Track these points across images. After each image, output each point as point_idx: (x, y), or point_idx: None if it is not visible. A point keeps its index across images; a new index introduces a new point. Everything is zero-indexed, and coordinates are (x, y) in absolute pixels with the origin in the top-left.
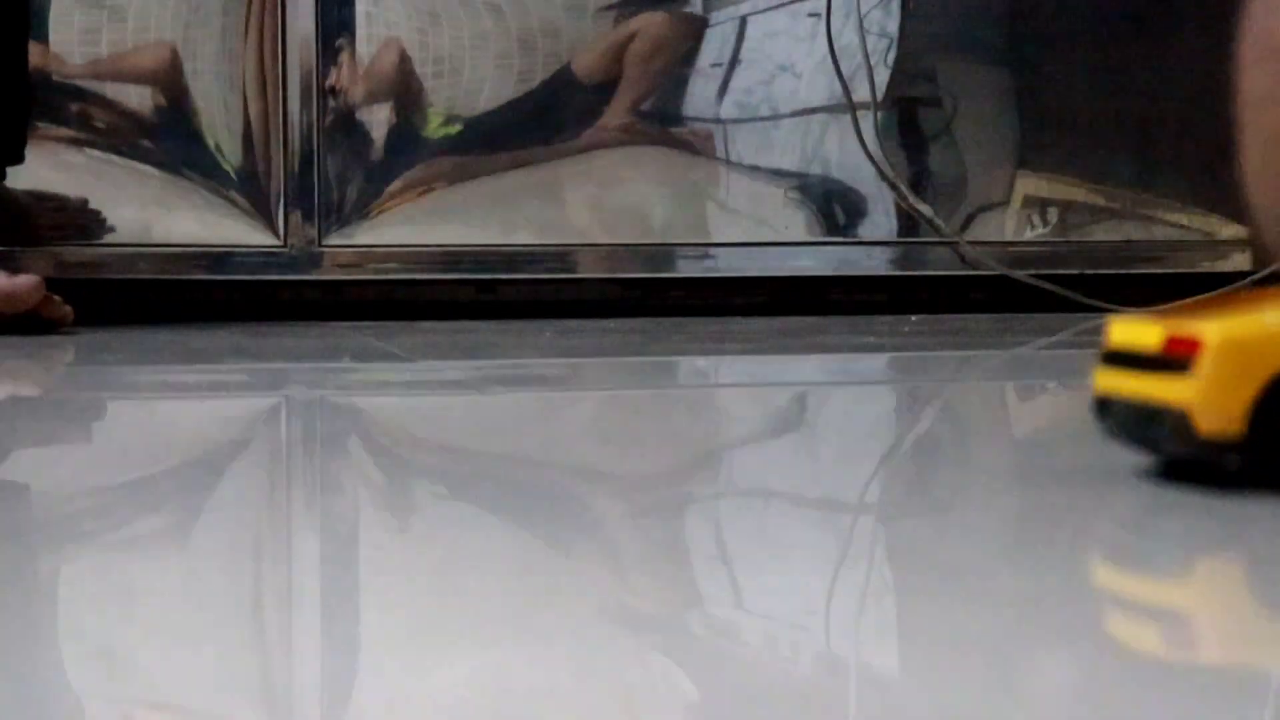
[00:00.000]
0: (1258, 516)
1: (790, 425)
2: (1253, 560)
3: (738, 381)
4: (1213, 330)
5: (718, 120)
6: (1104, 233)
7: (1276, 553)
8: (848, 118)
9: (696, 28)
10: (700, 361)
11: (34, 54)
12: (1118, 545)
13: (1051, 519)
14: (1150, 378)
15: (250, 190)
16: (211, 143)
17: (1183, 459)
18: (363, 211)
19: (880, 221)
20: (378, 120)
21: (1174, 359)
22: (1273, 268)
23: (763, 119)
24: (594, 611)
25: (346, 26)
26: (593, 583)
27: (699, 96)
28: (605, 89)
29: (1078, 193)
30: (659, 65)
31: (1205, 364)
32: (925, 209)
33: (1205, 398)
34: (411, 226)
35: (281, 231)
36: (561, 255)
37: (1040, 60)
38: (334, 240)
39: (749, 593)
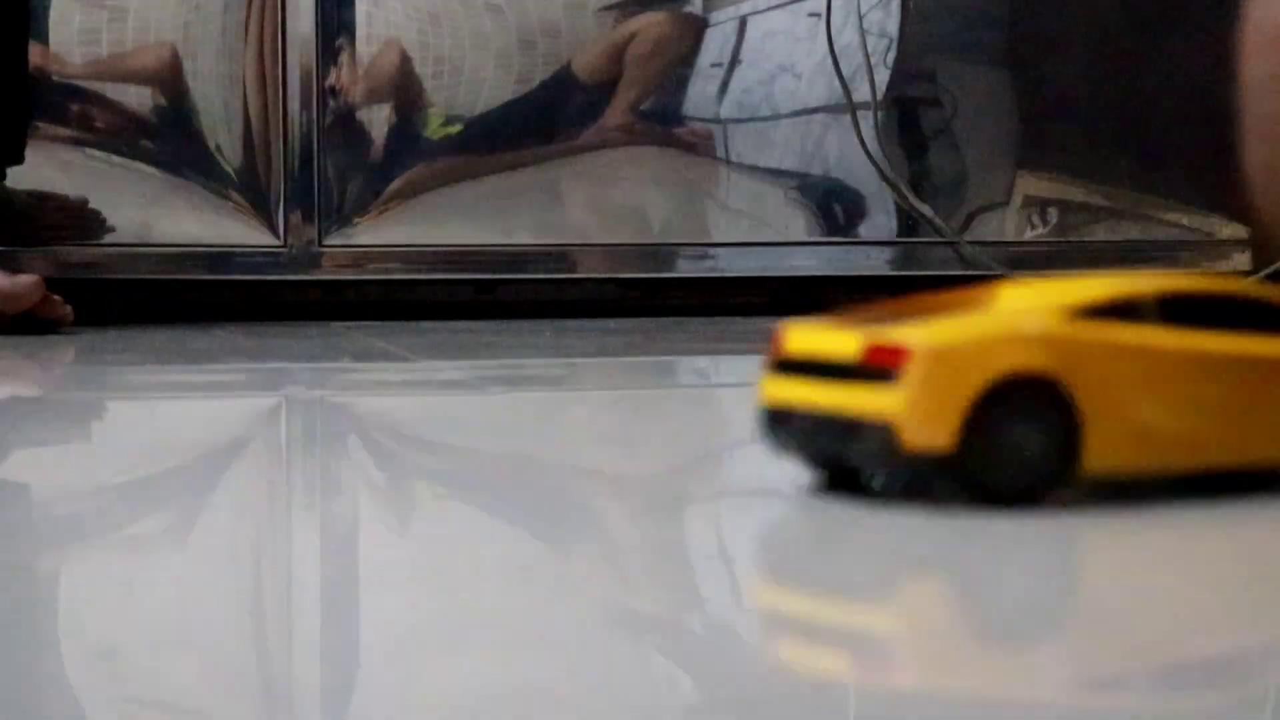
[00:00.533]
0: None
1: None
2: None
3: (738, 381)
4: (921, 337)
5: (718, 120)
6: (1104, 233)
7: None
8: (848, 118)
9: (696, 28)
10: (700, 361)
11: (34, 54)
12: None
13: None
14: (845, 388)
15: (250, 190)
16: (211, 143)
17: (886, 475)
18: (363, 212)
19: (880, 221)
20: (378, 120)
21: (875, 368)
22: (1275, 267)
23: (763, 119)
24: (594, 611)
25: (346, 26)
26: (593, 583)
27: (699, 96)
28: (605, 89)
29: (1078, 193)
30: (659, 65)
31: (913, 373)
32: (925, 209)
33: (913, 410)
34: (411, 226)
35: (281, 231)
36: (561, 255)
37: (1040, 60)
38: (334, 240)
39: (749, 593)
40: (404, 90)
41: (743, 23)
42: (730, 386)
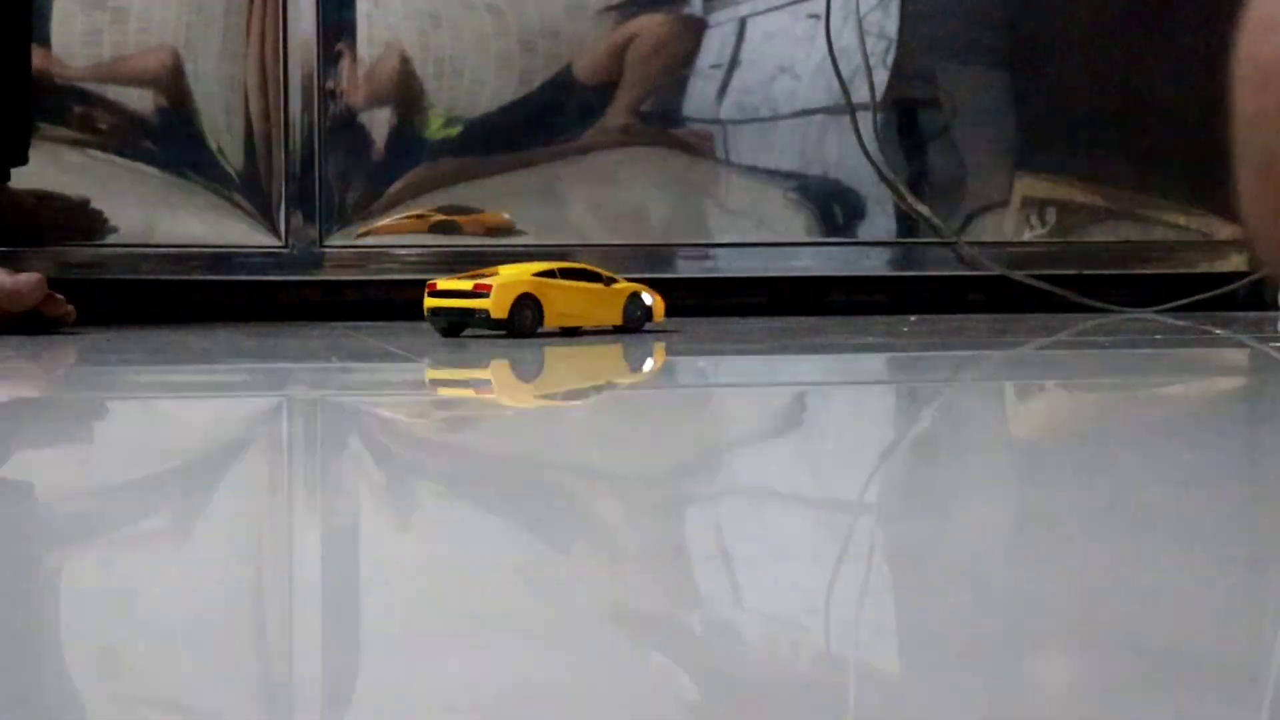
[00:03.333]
0: None
1: (790, 425)
2: None
3: (738, 381)
4: (495, 279)
5: (717, 121)
6: (1102, 233)
7: None
8: (847, 119)
9: (696, 29)
10: (700, 361)
11: (37, 56)
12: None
13: (1053, 520)
14: (467, 299)
15: (252, 191)
16: (213, 144)
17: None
18: (364, 212)
19: (879, 222)
20: (378, 122)
21: (479, 292)
22: (1261, 272)
23: (762, 120)
24: (594, 611)
25: (347, 28)
26: (593, 583)
27: (699, 97)
28: (605, 90)
29: (1076, 193)
30: (659, 66)
31: (494, 292)
32: (924, 210)
33: (495, 306)
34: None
35: (283, 232)
36: (562, 255)
37: (1039, 62)
38: (335, 241)
39: (749, 592)
40: (404, 92)
41: (742, 24)
42: (730, 386)
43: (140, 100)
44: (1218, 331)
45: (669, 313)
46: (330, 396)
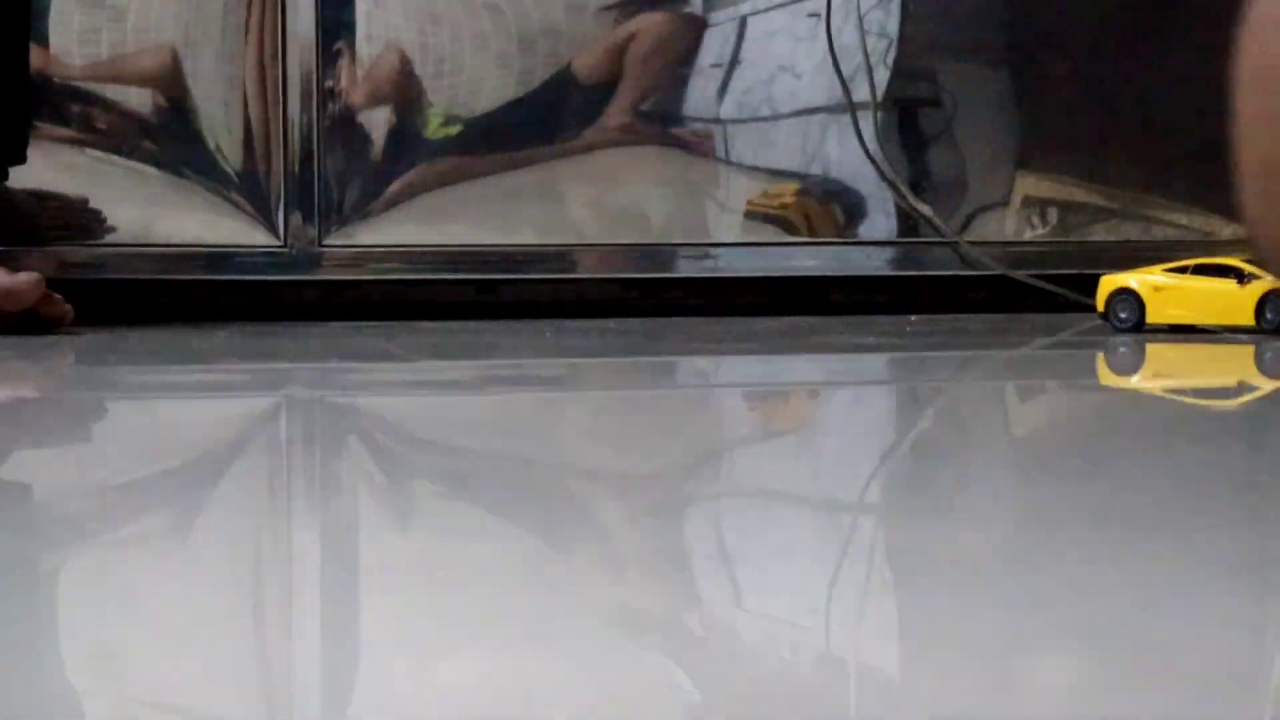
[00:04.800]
0: None
1: (790, 425)
2: None
3: (738, 381)
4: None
5: (718, 120)
6: (1103, 233)
7: None
8: (848, 118)
9: (696, 28)
10: (700, 361)
11: (35, 55)
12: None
13: (1052, 518)
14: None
15: (250, 190)
16: (212, 143)
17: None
18: (363, 212)
19: (880, 222)
20: (378, 121)
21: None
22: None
23: (763, 119)
24: (594, 612)
25: (346, 27)
26: (593, 583)
27: (699, 96)
28: (605, 89)
29: (1077, 193)
30: (659, 65)
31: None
32: (925, 209)
33: (1100, 299)
34: (411, 226)
35: (282, 232)
36: (561, 255)
37: (1040, 60)
38: (334, 240)
39: (749, 593)
40: (404, 91)
41: (742, 23)
42: (730, 386)
43: (139, 99)
44: (1217, 331)
45: (668, 312)
46: (329, 396)
